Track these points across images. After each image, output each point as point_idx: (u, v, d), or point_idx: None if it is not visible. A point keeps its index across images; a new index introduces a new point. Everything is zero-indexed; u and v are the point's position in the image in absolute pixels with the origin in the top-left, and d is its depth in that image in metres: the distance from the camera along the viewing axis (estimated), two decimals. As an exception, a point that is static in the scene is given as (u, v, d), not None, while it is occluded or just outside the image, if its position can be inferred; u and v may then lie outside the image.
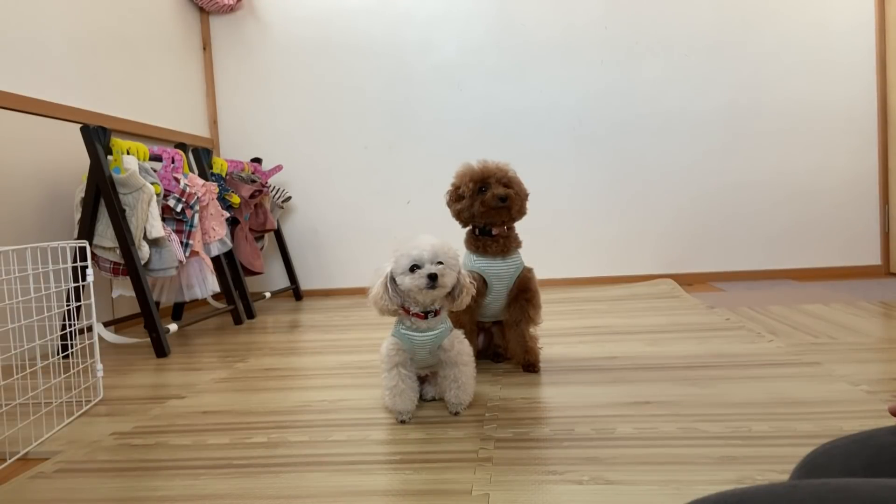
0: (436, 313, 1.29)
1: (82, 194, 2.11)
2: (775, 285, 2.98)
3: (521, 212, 1.62)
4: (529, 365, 1.60)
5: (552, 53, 3.28)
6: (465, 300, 1.31)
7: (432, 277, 1.20)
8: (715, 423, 1.17)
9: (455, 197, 1.62)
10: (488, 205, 1.55)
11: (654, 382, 1.46)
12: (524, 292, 1.61)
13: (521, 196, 1.61)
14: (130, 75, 2.79)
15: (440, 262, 1.22)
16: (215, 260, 2.54)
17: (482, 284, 1.57)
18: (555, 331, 2.07)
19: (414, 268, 1.22)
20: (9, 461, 1.17)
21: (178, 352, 2.14)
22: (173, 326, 2.21)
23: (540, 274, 1.75)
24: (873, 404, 1.23)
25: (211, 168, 2.78)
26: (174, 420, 1.38)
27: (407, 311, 1.28)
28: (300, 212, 3.50)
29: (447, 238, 1.28)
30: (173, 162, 2.29)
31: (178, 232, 2.26)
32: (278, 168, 3.32)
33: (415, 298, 1.25)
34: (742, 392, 1.34)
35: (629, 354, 1.74)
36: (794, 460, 0.55)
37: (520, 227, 1.71)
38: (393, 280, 1.26)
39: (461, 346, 1.31)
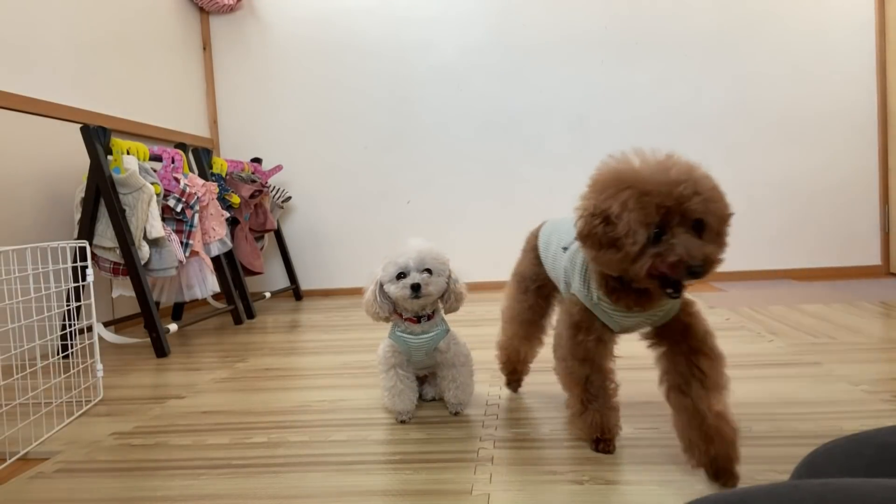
0: (429, 317, 1.28)
1: (82, 194, 2.11)
2: (775, 285, 2.98)
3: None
4: (718, 467, 0.90)
5: (552, 53, 3.28)
6: (456, 306, 1.30)
7: (415, 288, 1.19)
8: (715, 423, 1.17)
9: (601, 239, 0.86)
10: (672, 271, 0.82)
11: (654, 382, 1.46)
12: (686, 338, 0.98)
13: (724, 236, 0.89)
14: (130, 75, 2.79)
15: (427, 270, 1.22)
16: (215, 260, 2.53)
17: (588, 318, 1.03)
18: (555, 331, 2.06)
19: (400, 275, 1.21)
20: (9, 461, 1.17)
21: (178, 352, 2.14)
22: (173, 326, 2.21)
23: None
24: (873, 404, 1.23)
25: (211, 168, 2.78)
26: (174, 420, 1.38)
27: (400, 316, 1.28)
28: (300, 212, 3.50)
29: (443, 242, 1.28)
30: (173, 162, 2.29)
31: (178, 232, 2.26)
32: (278, 168, 3.32)
33: (403, 306, 1.26)
34: (742, 392, 1.34)
35: (629, 354, 1.73)
36: (794, 460, 0.55)
37: (522, 228, 1.52)
38: (382, 287, 1.26)
39: (457, 348, 1.31)
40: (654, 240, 0.83)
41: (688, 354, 0.97)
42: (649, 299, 0.93)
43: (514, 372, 1.41)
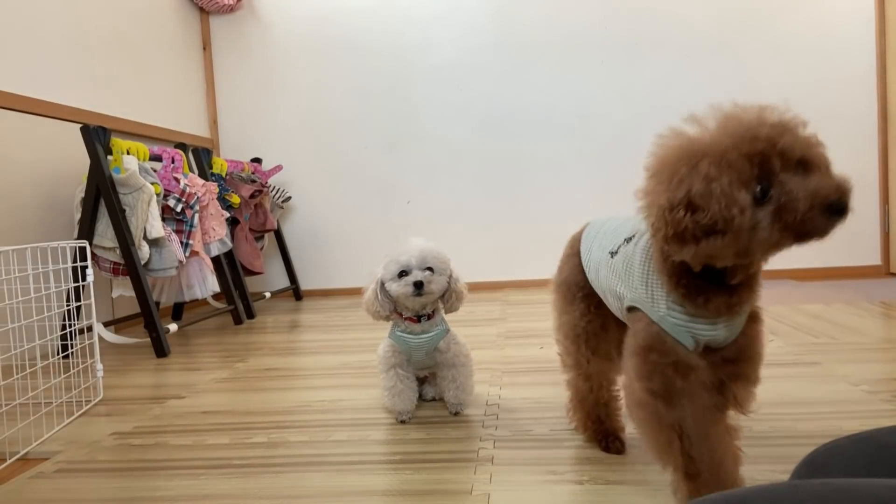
0: (429, 317, 1.28)
1: (82, 194, 2.11)
2: (775, 285, 2.98)
3: None
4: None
5: (552, 53, 3.28)
6: (456, 306, 1.30)
7: (418, 285, 1.19)
8: (715, 423, 1.17)
9: (695, 231, 0.67)
10: (811, 221, 0.65)
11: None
12: (740, 361, 0.81)
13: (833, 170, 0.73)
14: (130, 75, 2.79)
15: (429, 268, 1.22)
16: (215, 260, 2.53)
17: (660, 338, 0.78)
18: (555, 331, 2.06)
19: (402, 274, 1.22)
20: (9, 461, 1.16)
21: (178, 352, 2.14)
22: (173, 326, 2.21)
23: (540, 274, 1.72)
24: (873, 404, 1.23)
25: (211, 168, 2.78)
26: (174, 420, 1.38)
27: (400, 315, 1.28)
28: (300, 212, 3.50)
29: (443, 241, 1.28)
30: (173, 162, 2.29)
31: (178, 232, 2.26)
32: (278, 168, 3.32)
33: (404, 304, 1.26)
34: (742, 392, 1.34)
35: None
36: (794, 460, 0.55)
37: (521, 228, 1.36)
38: (384, 286, 1.26)
39: (457, 348, 1.31)
40: (760, 200, 0.65)
41: (730, 378, 0.80)
42: (746, 295, 0.75)
43: (602, 423, 1.05)
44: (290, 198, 3.42)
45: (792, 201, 0.64)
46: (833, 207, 0.63)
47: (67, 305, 1.93)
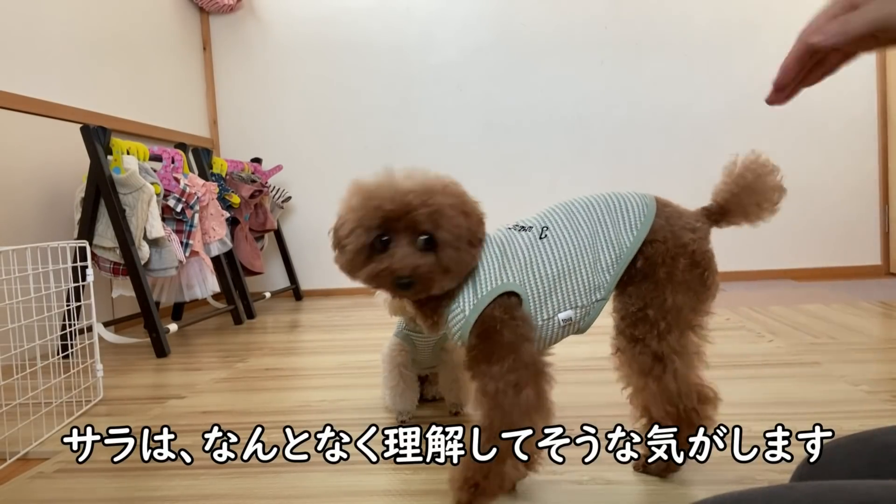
0: None
1: (82, 194, 2.11)
2: (775, 285, 2.98)
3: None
4: None
5: (552, 53, 3.28)
6: None
7: None
8: (715, 423, 1.17)
9: (333, 242, 0.96)
10: (376, 281, 0.88)
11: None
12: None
13: (463, 251, 0.92)
14: (130, 75, 2.79)
15: None
16: (215, 260, 2.53)
17: None
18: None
19: None
20: (9, 461, 1.17)
21: (178, 352, 2.14)
22: (173, 326, 2.21)
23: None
24: (873, 404, 1.23)
25: (211, 168, 2.78)
26: (174, 420, 1.38)
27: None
28: (300, 212, 3.50)
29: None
30: (173, 162, 2.29)
31: (178, 232, 2.26)
32: (278, 168, 3.32)
33: None
34: (742, 392, 1.34)
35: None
36: (794, 460, 0.55)
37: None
38: None
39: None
40: (382, 248, 0.85)
41: None
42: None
43: None
44: (290, 198, 3.42)
45: (381, 260, 0.85)
46: (397, 282, 0.83)
47: (67, 305, 1.93)
